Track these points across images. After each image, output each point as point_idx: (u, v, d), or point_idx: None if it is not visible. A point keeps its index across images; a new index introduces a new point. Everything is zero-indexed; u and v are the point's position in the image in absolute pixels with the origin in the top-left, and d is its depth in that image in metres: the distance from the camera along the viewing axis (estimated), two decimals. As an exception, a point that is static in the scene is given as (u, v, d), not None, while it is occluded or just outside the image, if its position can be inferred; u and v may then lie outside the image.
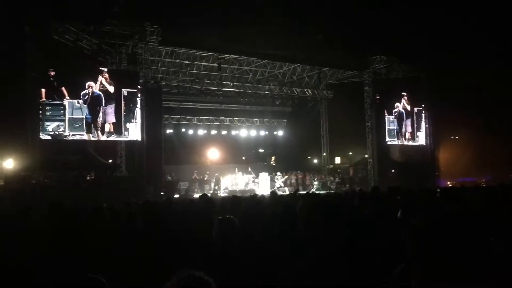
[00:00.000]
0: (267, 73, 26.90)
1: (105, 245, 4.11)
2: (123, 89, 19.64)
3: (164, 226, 4.77)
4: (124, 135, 19.70)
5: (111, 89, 19.29)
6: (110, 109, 19.31)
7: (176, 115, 28.78)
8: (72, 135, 18.51)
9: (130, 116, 19.71)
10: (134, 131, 19.78)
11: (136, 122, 19.76)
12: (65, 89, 18.25)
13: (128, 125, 19.64)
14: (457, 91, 26.45)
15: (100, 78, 19.03)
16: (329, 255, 2.49)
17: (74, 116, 18.46)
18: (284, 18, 21.55)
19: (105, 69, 19.33)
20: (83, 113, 18.60)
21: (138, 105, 19.89)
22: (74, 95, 18.48)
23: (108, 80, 19.19)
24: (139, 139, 19.87)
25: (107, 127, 19.23)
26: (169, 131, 28.40)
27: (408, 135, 26.83)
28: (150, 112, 20.33)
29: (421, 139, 27.28)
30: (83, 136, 18.77)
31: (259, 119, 31.96)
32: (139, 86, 19.99)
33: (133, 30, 19.48)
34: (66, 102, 18.32)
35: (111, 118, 19.33)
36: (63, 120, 18.29)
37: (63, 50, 18.83)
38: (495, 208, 4.86)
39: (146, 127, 20.00)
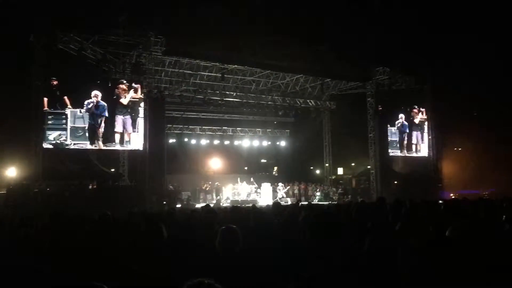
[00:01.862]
0: (270, 83, 26.93)
1: (107, 253, 4.09)
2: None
3: (166, 236, 4.75)
4: (126, 144, 19.74)
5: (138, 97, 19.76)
6: (130, 119, 19.61)
7: (179, 124, 28.81)
8: (74, 144, 18.52)
9: (132, 126, 19.78)
10: (136, 141, 19.79)
11: (138, 132, 19.79)
12: (67, 98, 18.31)
13: (130, 134, 19.70)
14: (460, 103, 26.42)
15: (130, 92, 19.45)
16: (334, 267, 2.47)
17: (76, 125, 18.47)
18: (288, 29, 21.64)
19: (124, 81, 19.57)
20: (85, 122, 18.62)
21: (141, 115, 19.92)
22: (76, 104, 18.52)
23: (126, 90, 19.47)
24: (141, 148, 19.88)
25: (126, 137, 19.53)
26: (171, 140, 28.44)
27: (413, 147, 26.75)
28: (153, 121, 20.36)
29: (423, 150, 27.20)
30: (85, 145, 18.79)
31: (262, 129, 31.98)
32: (142, 96, 20.04)
33: (138, 40, 19.59)
34: (68, 111, 18.35)
35: (130, 129, 19.61)
36: (65, 129, 18.30)
37: (67, 59, 18.93)
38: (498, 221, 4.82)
39: (149, 136, 20.01)
